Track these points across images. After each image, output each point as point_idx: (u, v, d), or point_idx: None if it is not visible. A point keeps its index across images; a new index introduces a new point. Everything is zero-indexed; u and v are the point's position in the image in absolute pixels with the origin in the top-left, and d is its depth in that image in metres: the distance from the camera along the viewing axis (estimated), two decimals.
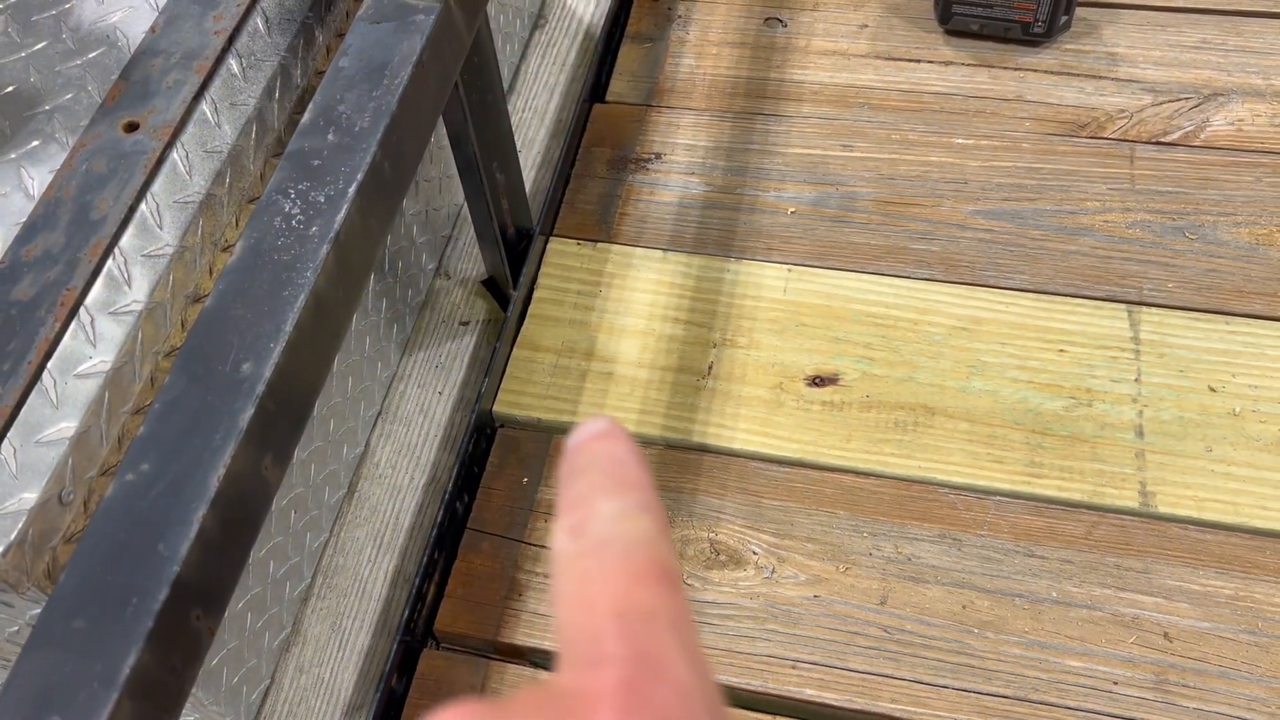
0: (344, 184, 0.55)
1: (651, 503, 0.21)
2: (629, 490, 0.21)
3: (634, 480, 0.21)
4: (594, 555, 0.20)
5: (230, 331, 0.50)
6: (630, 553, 0.19)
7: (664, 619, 0.18)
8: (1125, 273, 0.86)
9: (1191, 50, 0.98)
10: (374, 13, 0.63)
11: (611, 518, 0.20)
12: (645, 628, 0.18)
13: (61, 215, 0.54)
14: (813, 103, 0.99)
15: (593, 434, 0.22)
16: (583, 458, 0.22)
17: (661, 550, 0.20)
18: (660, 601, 0.19)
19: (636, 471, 0.21)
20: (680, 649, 0.18)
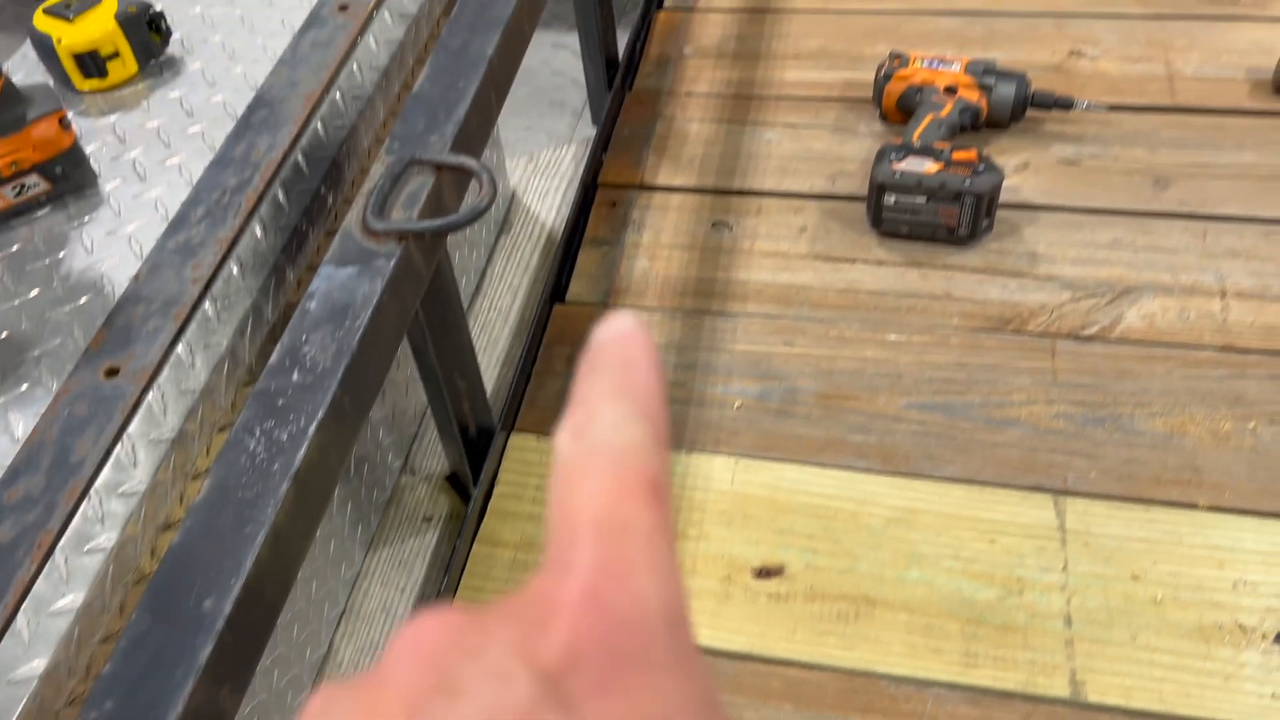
0: (305, 422, 0.60)
1: (653, 412, 0.20)
2: (633, 397, 0.20)
3: (641, 387, 0.21)
4: (586, 460, 0.20)
5: (194, 568, 0.55)
6: (619, 462, 0.19)
7: (639, 532, 0.19)
8: (1050, 463, 0.91)
9: (1105, 249, 1.06)
10: (339, 256, 0.69)
11: (610, 423, 0.20)
12: (618, 538, 0.18)
13: (43, 458, 0.59)
14: (757, 301, 1.06)
15: (615, 333, 0.22)
16: (600, 356, 0.21)
17: (652, 461, 0.20)
18: (639, 514, 0.19)
19: (646, 378, 0.21)
20: (649, 563, 0.18)
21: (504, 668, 0.17)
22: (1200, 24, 1.27)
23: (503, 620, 0.18)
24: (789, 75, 1.29)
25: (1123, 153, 1.15)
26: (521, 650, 0.17)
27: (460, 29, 0.83)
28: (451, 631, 0.18)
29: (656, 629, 0.18)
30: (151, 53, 0.84)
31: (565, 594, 0.18)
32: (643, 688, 0.17)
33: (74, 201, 0.75)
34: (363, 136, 0.83)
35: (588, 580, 0.18)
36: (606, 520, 0.19)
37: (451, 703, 0.17)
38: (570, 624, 0.17)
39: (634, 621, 0.18)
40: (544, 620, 0.18)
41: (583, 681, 0.17)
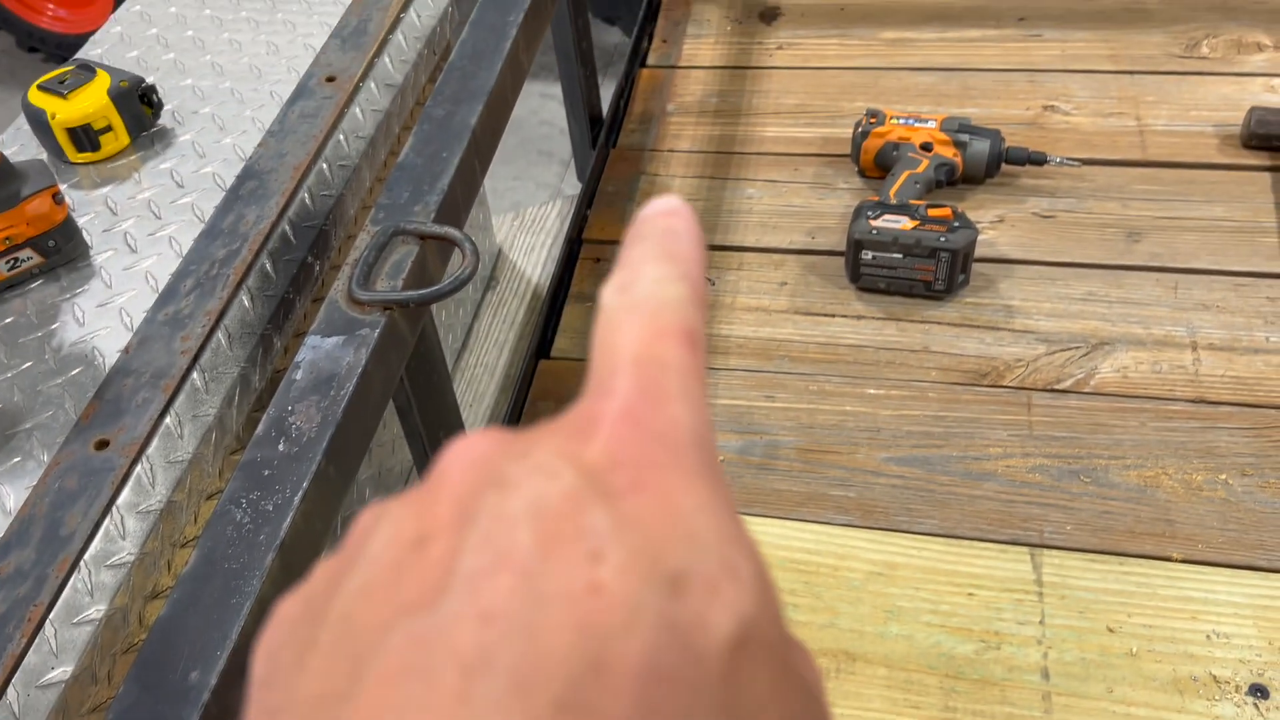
0: (290, 492, 0.62)
1: (694, 275, 0.22)
2: (676, 261, 0.22)
3: (684, 254, 0.22)
4: (628, 309, 0.21)
5: (181, 640, 0.56)
6: (660, 311, 0.21)
7: (675, 368, 0.20)
8: (1027, 516, 0.93)
9: (1079, 302, 1.08)
10: (325, 326, 0.71)
11: (654, 280, 0.22)
12: (655, 370, 0.20)
13: (34, 532, 0.60)
14: (738, 355, 1.08)
15: (661, 210, 0.24)
16: (644, 227, 0.23)
17: (690, 315, 0.21)
18: (676, 355, 0.21)
19: (689, 247, 0.23)
20: (682, 392, 0.20)
21: (549, 464, 0.19)
22: (1170, 79, 1.31)
23: (547, 432, 0.20)
24: (769, 132, 1.31)
25: (1096, 206, 1.17)
26: (566, 452, 0.19)
27: (444, 99, 0.86)
28: (498, 441, 0.20)
29: (687, 445, 0.20)
30: (143, 125, 0.87)
31: (606, 411, 0.20)
32: (674, 488, 0.19)
33: (66, 274, 0.77)
34: (349, 205, 0.86)
35: (626, 400, 0.20)
36: (645, 355, 0.20)
37: (502, 494, 0.18)
38: (610, 433, 0.19)
39: (667, 437, 0.19)
40: (586, 431, 0.19)
41: (621, 478, 0.19)
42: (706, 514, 0.19)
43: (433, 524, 0.19)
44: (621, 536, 0.18)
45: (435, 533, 0.18)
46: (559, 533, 0.18)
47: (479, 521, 0.18)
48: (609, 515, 0.18)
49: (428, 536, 0.18)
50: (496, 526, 0.18)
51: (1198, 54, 1.33)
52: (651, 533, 0.18)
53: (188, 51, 0.96)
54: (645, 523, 0.18)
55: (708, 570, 0.18)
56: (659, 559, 0.18)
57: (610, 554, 0.17)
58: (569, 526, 0.18)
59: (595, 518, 0.18)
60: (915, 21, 1.44)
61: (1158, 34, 1.37)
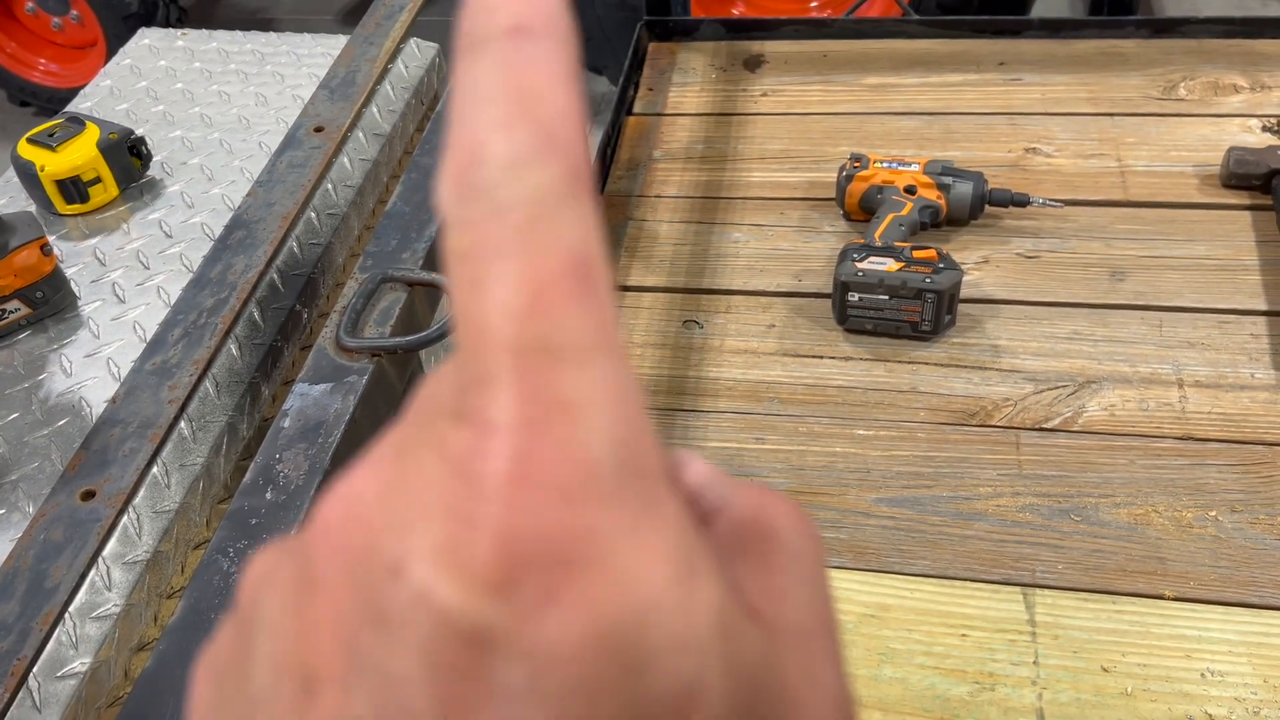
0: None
1: (561, 131, 0.15)
2: (533, 109, 0.15)
3: (541, 87, 0.15)
4: (484, 235, 0.14)
5: (167, 693, 0.55)
6: (530, 235, 0.14)
7: (565, 351, 0.14)
8: (1019, 555, 0.92)
9: (1065, 341, 1.09)
10: (313, 374, 0.71)
11: (505, 166, 0.15)
12: (541, 371, 0.14)
13: (18, 585, 0.59)
14: (728, 398, 1.08)
15: (502, 22, 0.15)
16: (479, 28, 0.15)
17: (570, 226, 0.15)
18: (566, 321, 0.14)
19: (547, 65, 0.15)
20: (588, 396, 0.14)
21: (435, 590, 0.14)
22: (1149, 121, 1.33)
23: (423, 513, 0.14)
24: (755, 177, 1.33)
25: (1079, 246, 1.18)
26: (449, 561, 0.14)
27: (432, 148, 0.87)
28: (369, 528, 0.15)
29: (608, 495, 0.14)
30: (132, 176, 0.87)
31: (487, 466, 0.14)
32: (600, 584, 0.14)
33: (54, 324, 0.77)
34: (338, 253, 0.86)
35: (512, 445, 0.14)
36: (523, 342, 0.14)
37: (384, 638, 0.14)
38: (499, 516, 0.14)
39: (577, 491, 0.14)
40: (467, 510, 0.14)
41: (525, 598, 0.14)
42: (660, 590, 0.14)
43: (317, 660, 0.15)
44: (544, 704, 0.14)
45: (321, 677, 0.15)
46: (464, 698, 0.14)
47: (366, 673, 0.14)
48: (520, 667, 0.14)
49: (314, 680, 0.15)
50: (386, 687, 0.14)
51: (1176, 96, 1.36)
52: (582, 679, 0.14)
53: (177, 103, 0.97)
54: (564, 661, 0.14)
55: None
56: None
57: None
58: (474, 691, 0.14)
59: (504, 673, 0.14)
60: (897, 67, 1.46)
61: (1135, 77, 1.39)
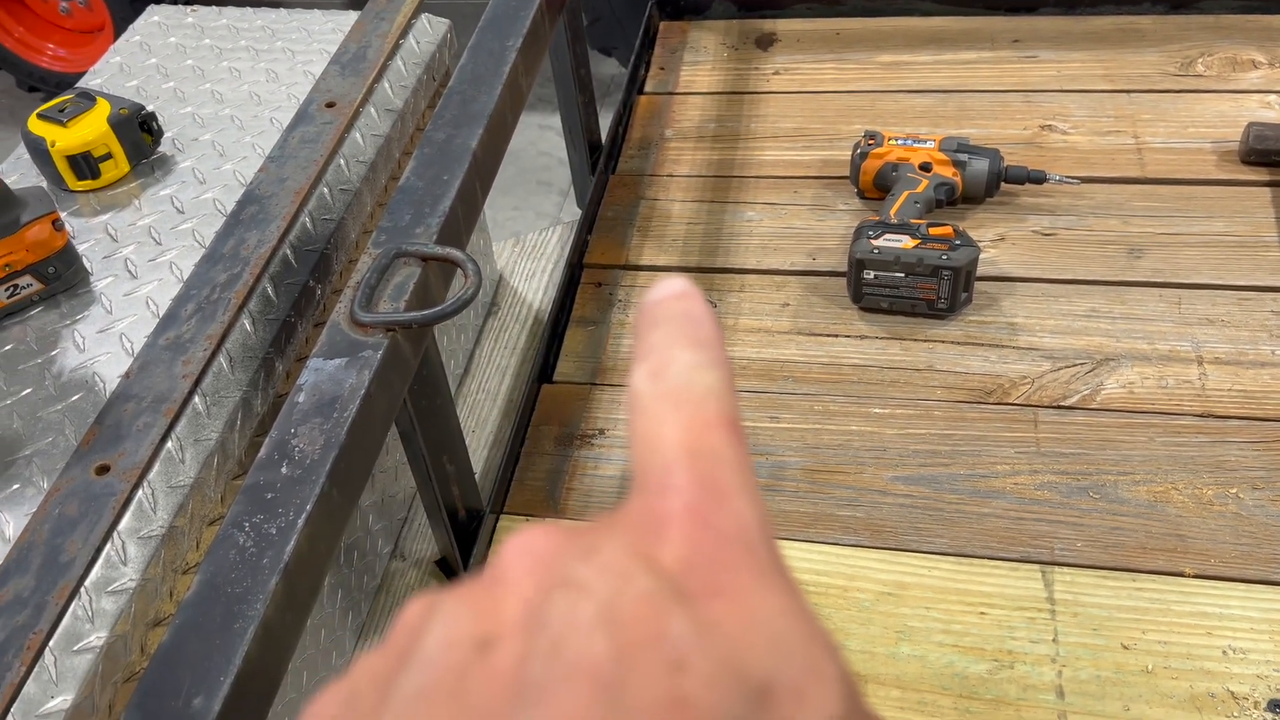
0: (294, 515, 0.61)
1: (724, 361, 0.22)
2: (704, 346, 0.22)
3: (708, 338, 0.22)
4: (670, 399, 0.21)
5: (183, 666, 0.55)
6: (703, 401, 0.21)
7: (729, 460, 0.20)
8: (1037, 533, 0.92)
9: (1083, 319, 1.08)
10: (327, 349, 0.70)
11: (688, 366, 0.21)
12: (712, 464, 0.20)
13: (33, 559, 0.59)
14: (741, 377, 1.07)
15: (671, 293, 0.23)
16: (661, 311, 0.23)
17: (731, 403, 0.21)
18: (727, 445, 0.20)
19: (711, 330, 0.22)
20: (743, 489, 0.20)
21: (622, 565, 0.18)
22: (1166, 97, 1.31)
23: (612, 530, 0.19)
24: (768, 155, 1.32)
25: (1096, 224, 1.17)
26: (637, 552, 0.18)
27: (444, 123, 0.86)
28: (561, 537, 0.19)
29: (756, 543, 0.19)
30: (143, 152, 0.87)
31: (671, 509, 0.19)
32: (751, 590, 0.18)
33: (67, 300, 0.76)
34: (350, 229, 0.85)
35: (689, 498, 0.19)
36: (697, 448, 0.20)
37: (573, 596, 0.17)
38: (681, 535, 0.19)
39: (737, 536, 0.19)
40: (655, 531, 0.19)
41: (697, 582, 0.18)
42: (786, 617, 0.18)
43: (497, 625, 0.18)
44: (704, 645, 0.17)
45: (501, 636, 0.17)
46: (638, 640, 0.17)
47: (549, 625, 0.17)
48: (689, 622, 0.17)
49: (492, 640, 0.17)
50: (569, 632, 0.17)
51: (1193, 72, 1.34)
52: (734, 640, 0.17)
53: (187, 80, 0.96)
54: (726, 629, 0.17)
55: (793, 677, 0.17)
56: (744, 668, 0.17)
57: (694, 664, 0.16)
58: (648, 633, 0.17)
59: (675, 624, 0.17)
60: (911, 45, 1.45)
61: (1152, 53, 1.37)
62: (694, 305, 0.23)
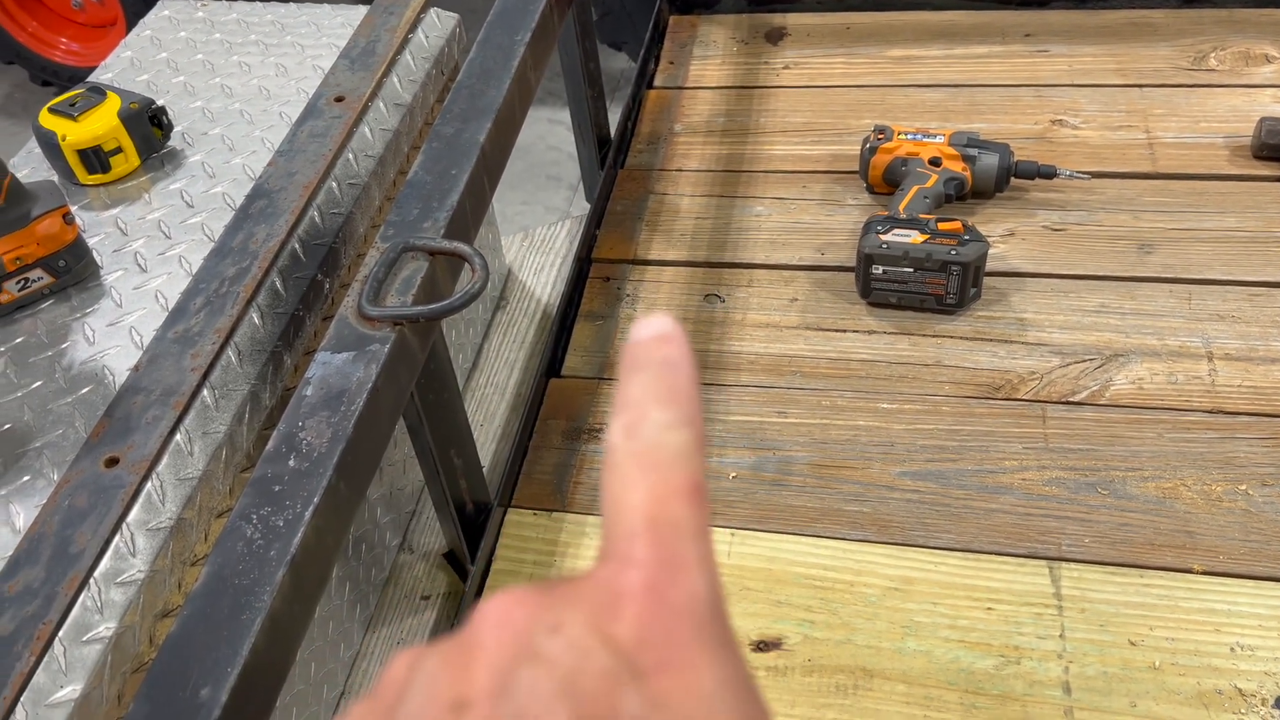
0: (301, 508, 0.62)
1: (695, 417, 0.23)
2: (678, 403, 0.23)
3: (683, 392, 0.23)
4: (639, 461, 0.23)
5: (191, 657, 0.55)
6: (671, 465, 0.22)
7: (689, 531, 0.22)
8: (1044, 529, 0.91)
9: (1092, 314, 1.08)
10: (335, 343, 0.71)
11: (661, 426, 0.23)
12: (672, 537, 0.22)
13: (43, 550, 0.60)
14: (750, 372, 1.08)
15: (654, 334, 0.24)
16: (641, 356, 0.24)
17: (695, 466, 0.23)
18: (688, 515, 0.22)
19: (687, 381, 0.24)
20: (698, 559, 0.22)
21: (583, 641, 0.20)
22: (1178, 92, 1.30)
23: (575, 601, 0.21)
24: (777, 150, 1.31)
25: (1107, 219, 1.17)
26: (596, 629, 0.20)
27: (453, 117, 0.86)
28: (531, 607, 0.21)
29: (706, 619, 0.21)
30: (153, 147, 0.87)
31: (630, 584, 0.21)
32: (697, 666, 0.20)
33: (77, 293, 0.77)
34: (359, 223, 0.86)
35: (649, 574, 0.21)
36: (659, 517, 0.22)
37: (537, 669, 0.19)
38: (638, 611, 0.20)
39: (688, 612, 0.21)
40: (613, 606, 0.21)
41: (649, 658, 0.20)
42: (727, 690, 0.20)
43: (470, 690, 0.20)
44: (653, 718, 0.19)
45: (473, 700, 0.19)
46: (593, 714, 0.19)
47: (515, 694, 0.19)
48: (640, 697, 0.19)
49: (465, 704, 0.19)
50: (533, 703, 0.19)
51: (1206, 66, 1.33)
52: (679, 713, 0.19)
53: (197, 74, 0.97)
54: (674, 703, 0.19)
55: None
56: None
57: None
58: (603, 708, 0.19)
59: (628, 699, 0.19)
60: (921, 39, 1.44)
61: (1165, 48, 1.37)
62: (673, 351, 0.24)
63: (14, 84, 2.92)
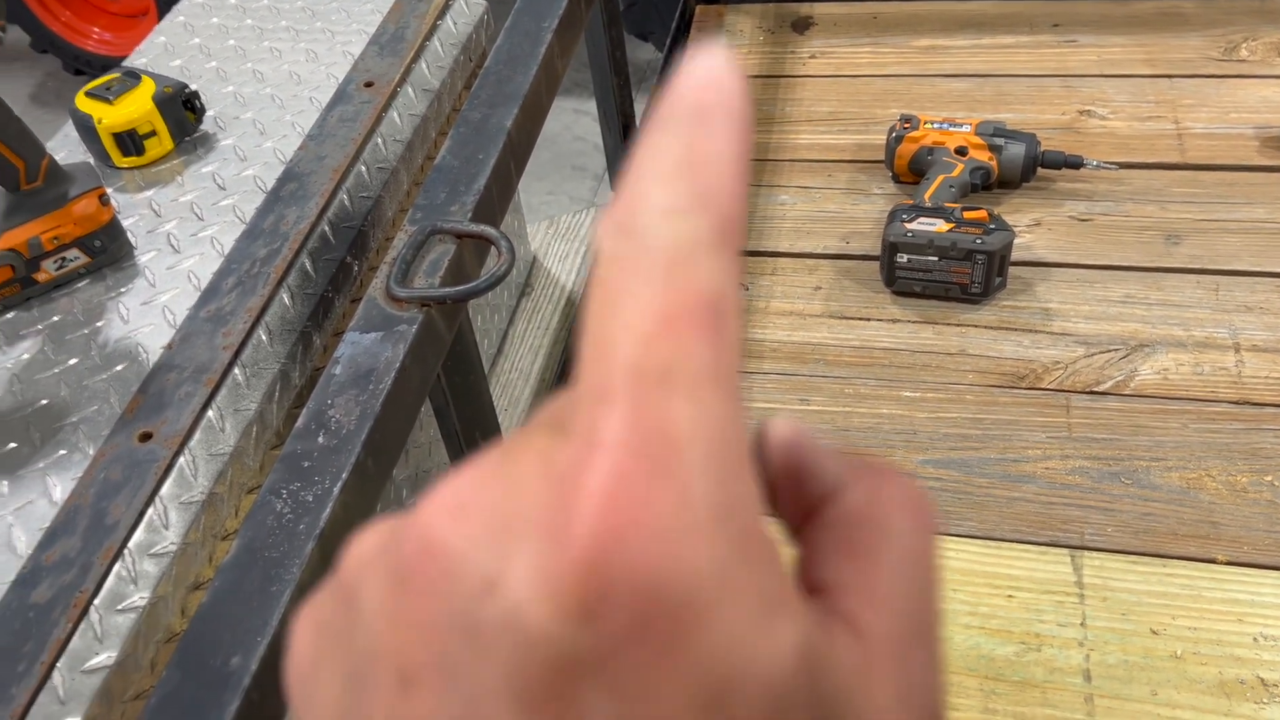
0: (330, 483, 0.63)
1: (718, 194, 0.16)
2: (696, 174, 0.16)
3: (710, 157, 0.16)
4: (628, 268, 0.15)
5: (222, 627, 0.56)
6: (670, 272, 0.15)
7: (684, 380, 0.15)
8: (1067, 518, 0.91)
9: (1118, 304, 1.07)
10: (364, 323, 0.72)
11: (661, 213, 0.16)
12: (657, 396, 0.14)
13: (80, 521, 0.61)
14: (772, 360, 1.08)
15: (697, 79, 0.17)
16: (673, 106, 0.17)
17: (709, 271, 0.15)
18: (688, 354, 0.15)
19: (721, 142, 0.16)
20: (695, 426, 0.14)
21: (522, 611, 0.14)
22: (1208, 83, 1.29)
23: (515, 525, 0.15)
24: (802, 139, 1.32)
25: (1134, 210, 1.16)
26: (539, 580, 0.14)
27: (480, 103, 0.87)
28: (462, 540, 0.15)
29: (702, 530, 0.14)
30: (186, 130, 0.89)
31: (589, 488, 0.14)
32: (691, 622, 0.14)
33: (112, 273, 0.78)
34: (387, 207, 0.87)
35: (617, 469, 0.14)
36: (645, 365, 0.15)
37: (477, 654, 0.15)
38: (591, 543, 0.14)
39: (673, 526, 0.14)
40: (563, 530, 0.14)
41: (607, 629, 0.14)
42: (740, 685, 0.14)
43: (412, 662, 0.15)
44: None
45: (416, 678, 0.15)
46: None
47: (460, 684, 0.15)
48: (608, 700, 0.14)
49: (409, 678, 0.15)
50: (475, 701, 0.15)
51: (1237, 57, 1.32)
52: (667, 716, 0.14)
53: (229, 60, 0.98)
54: (652, 700, 0.14)
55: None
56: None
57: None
58: (561, 716, 0.14)
59: (592, 703, 0.14)
60: (948, 29, 1.44)
61: (1195, 38, 1.36)
62: (714, 96, 0.17)
63: (47, 73, 2.96)
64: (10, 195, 0.75)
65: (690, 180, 0.16)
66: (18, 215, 0.75)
